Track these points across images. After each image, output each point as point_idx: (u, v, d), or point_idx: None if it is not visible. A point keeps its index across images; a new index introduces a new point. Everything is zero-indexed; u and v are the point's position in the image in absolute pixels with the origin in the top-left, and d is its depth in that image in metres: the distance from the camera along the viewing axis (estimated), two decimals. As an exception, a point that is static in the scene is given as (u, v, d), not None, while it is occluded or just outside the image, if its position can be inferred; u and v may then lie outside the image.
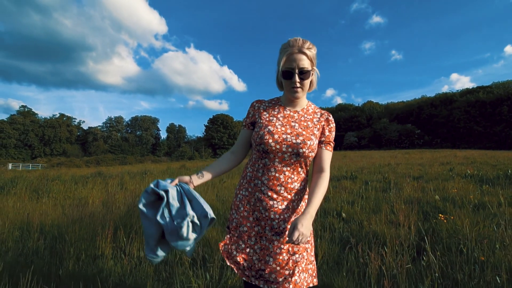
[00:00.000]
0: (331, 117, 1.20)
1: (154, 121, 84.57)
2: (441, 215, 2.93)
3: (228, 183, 6.78)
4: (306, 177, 1.17)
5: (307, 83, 1.12)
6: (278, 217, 1.09)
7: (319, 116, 1.19)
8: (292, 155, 1.08)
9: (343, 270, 1.95)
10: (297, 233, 0.92)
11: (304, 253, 1.10)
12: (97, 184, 7.46)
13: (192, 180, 1.12)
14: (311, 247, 1.15)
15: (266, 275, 1.07)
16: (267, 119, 1.16)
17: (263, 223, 1.11)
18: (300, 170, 1.12)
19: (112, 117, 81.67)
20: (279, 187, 1.10)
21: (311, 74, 1.12)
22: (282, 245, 1.08)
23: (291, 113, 1.18)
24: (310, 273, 1.12)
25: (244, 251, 1.13)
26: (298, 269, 1.07)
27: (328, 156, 1.15)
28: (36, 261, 2.25)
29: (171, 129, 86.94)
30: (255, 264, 1.10)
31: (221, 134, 70.39)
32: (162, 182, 1.05)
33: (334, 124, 1.18)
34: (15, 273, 1.91)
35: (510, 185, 5.12)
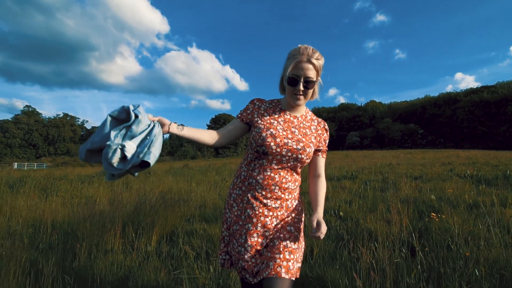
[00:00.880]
0: (327, 126, 1.31)
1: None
2: (433, 214, 3.06)
3: (230, 182, 6.92)
4: (299, 178, 1.25)
5: (310, 92, 1.16)
6: (271, 215, 1.14)
7: (316, 124, 1.27)
8: (290, 159, 1.13)
9: (336, 264, 2.10)
10: (324, 228, 1.06)
11: (298, 244, 1.15)
12: (103, 183, 7.65)
13: (170, 126, 1.08)
14: (303, 245, 1.21)
15: (262, 266, 1.08)
16: (268, 121, 1.19)
17: (255, 220, 1.14)
18: (294, 172, 1.19)
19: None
20: (273, 186, 1.14)
21: (315, 84, 1.16)
22: (276, 240, 1.12)
23: (291, 118, 1.22)
24: (298, 267, 1.12)
25: (236, 249, 1.15)
26: (292, 257, 1.09)
27: (324, 162, 1.28)
28: (51, 255, 2.42)
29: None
30: (248, 262, 1.11)
31: (224, 133, 70.34)
32: (142, 110, 1.01)
33: (329, 131, 1.30)
34: (36, 265, 2.08)
35: (506, 185, 5.22)
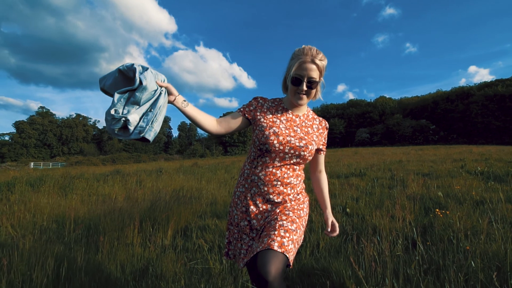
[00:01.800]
0: (327, 125, 1.41)
1: (166, 120, 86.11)
2: (438, 210, 3.13)
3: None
4: (302, 174, 1.30)
5: (312, 92, 1.20)
6: (274, 209, 1.18)
7: (317, 123, 1.33)
8: (293, 156, 1.18)
9: (341, 256, 2.22)
10: (337, 227, 1.32)
11: (296, 228, 1.12)
12: (117, 181, 7.94)
13: (177, 98, 1.10)
14: (302, 232, 1.20)
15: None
16: (271, 120, 1.22)
17: (259, 216, 1.19)
18: (296, 168, 1.24)
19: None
20: (275, 182, 1.18)
21: (318, 84, 1.20)
22: (272, 221, 1.12)
23: (293, 117, 1.27)
24: (294, 249, 1.07)
25: (248, 243, 1.20)
26: (288, 235, 1.05)
27: (323, 158, 1.41)
28: (77, 247, 2.63)
29: (182, 127, 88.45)
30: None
31: (232, 132, 70.80)
32: (149, 75, 0.96)
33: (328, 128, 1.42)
34: (66, 256, 2.29)
35: (517, 181, 5.18)
